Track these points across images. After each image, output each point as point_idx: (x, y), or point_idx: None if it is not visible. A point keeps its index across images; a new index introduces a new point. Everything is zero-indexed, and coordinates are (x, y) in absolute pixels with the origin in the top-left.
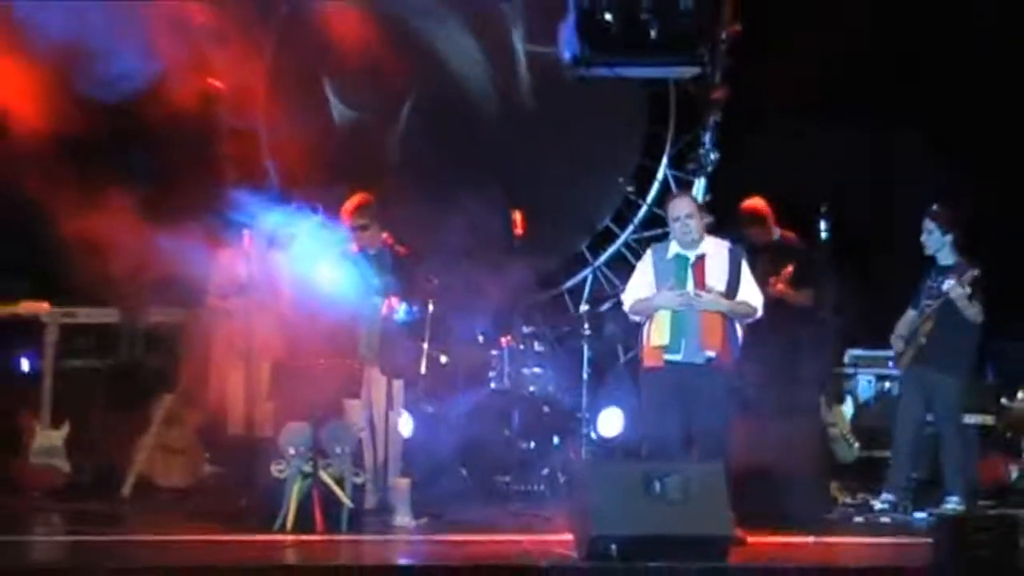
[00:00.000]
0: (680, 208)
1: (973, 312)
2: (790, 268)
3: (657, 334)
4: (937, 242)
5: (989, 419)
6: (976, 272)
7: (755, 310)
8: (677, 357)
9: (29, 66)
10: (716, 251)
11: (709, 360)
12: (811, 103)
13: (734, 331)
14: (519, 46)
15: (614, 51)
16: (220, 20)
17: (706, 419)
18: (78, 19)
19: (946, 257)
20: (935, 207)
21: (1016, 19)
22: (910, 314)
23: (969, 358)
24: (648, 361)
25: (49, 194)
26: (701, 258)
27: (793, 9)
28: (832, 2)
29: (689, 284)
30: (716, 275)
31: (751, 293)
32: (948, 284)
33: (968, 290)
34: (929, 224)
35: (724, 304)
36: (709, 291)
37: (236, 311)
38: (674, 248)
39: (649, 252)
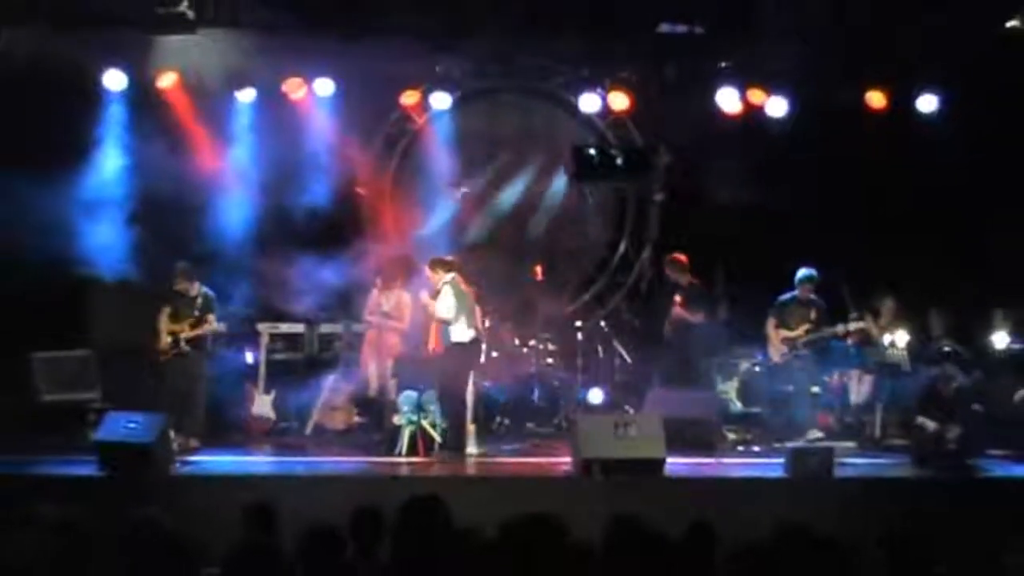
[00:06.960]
0: None
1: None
2: (701, 316)
3: None
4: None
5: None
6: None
7: (442, 320)
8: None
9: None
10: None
11: (433, 351)
12: (717, 202)
13: (444, 333)
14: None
15: (596, 171)
16: (363, 152)
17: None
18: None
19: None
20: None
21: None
22: (771, 322)
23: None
24: None
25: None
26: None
27: (707, 148)
28: (720, 149)
29: None
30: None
31: (441, 311)
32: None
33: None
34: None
35: (436, 318)
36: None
37: (375, 325)
38: None
39: None
